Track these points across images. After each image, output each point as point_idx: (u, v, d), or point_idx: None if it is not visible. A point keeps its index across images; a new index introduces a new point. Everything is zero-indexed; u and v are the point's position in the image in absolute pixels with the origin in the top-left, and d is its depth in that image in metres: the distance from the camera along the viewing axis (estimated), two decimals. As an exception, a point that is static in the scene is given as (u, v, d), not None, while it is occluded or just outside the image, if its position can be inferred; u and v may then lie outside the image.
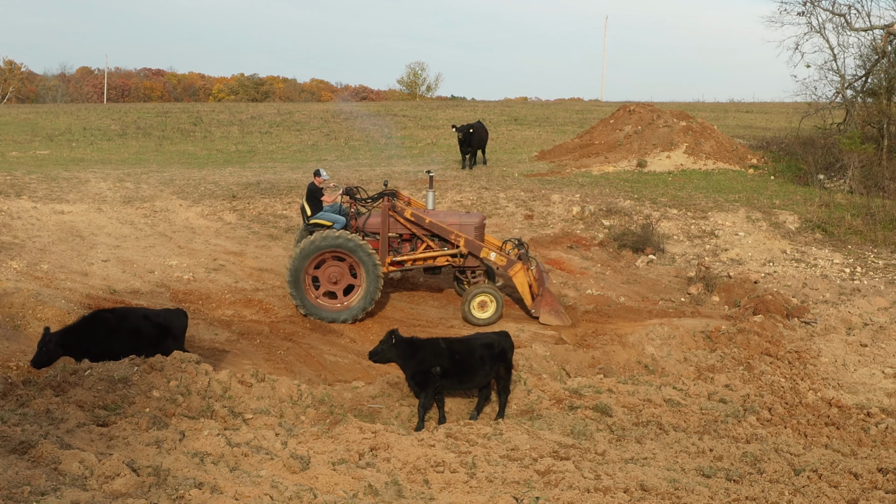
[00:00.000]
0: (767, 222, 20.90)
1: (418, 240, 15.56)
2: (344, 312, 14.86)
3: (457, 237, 15.26)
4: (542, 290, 15.24)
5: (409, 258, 15.44)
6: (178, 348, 11.48)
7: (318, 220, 15.18)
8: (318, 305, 14.92)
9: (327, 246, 14.76)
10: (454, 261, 15.49)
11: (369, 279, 14.76)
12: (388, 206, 15.29)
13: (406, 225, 15.40)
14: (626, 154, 28.16)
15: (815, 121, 29.37)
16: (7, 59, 70.43)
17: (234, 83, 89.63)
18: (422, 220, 15.31)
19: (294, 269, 14.75)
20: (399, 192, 16.26)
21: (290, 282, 14.79)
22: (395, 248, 15.54)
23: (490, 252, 15.29)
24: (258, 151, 33.81)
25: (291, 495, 7.43)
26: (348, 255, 14.82)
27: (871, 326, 14.84)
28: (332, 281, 15.03)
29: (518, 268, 15.23)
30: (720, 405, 11.36)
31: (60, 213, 19.35)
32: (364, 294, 14.84)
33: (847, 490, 8.56)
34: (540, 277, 15.53)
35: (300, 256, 14.74)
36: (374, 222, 15.51)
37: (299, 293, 14.80)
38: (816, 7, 29.29)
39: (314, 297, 14.95)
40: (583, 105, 59.95)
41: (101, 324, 11.17)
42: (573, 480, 8.27)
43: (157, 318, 11.67)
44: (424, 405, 10.64)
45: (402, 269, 15.65)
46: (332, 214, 15.33)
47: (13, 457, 7.55)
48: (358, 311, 14.86)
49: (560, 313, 15.08)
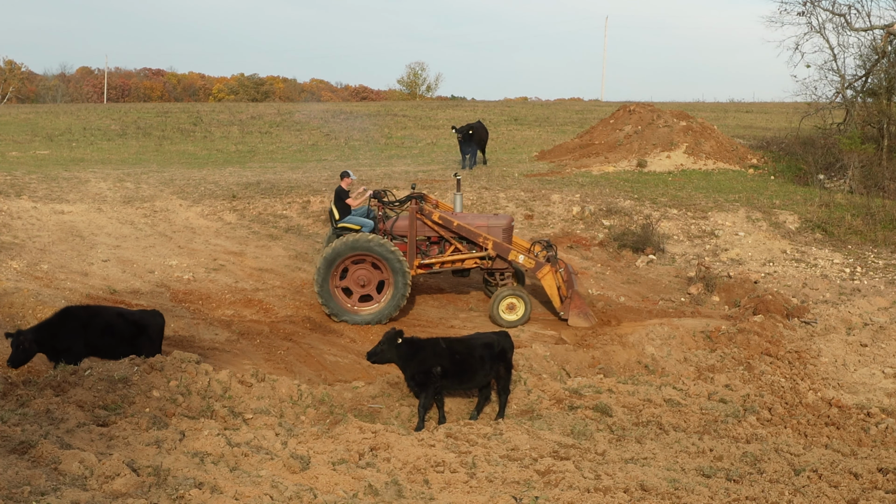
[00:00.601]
0: (767, 222, 20.90)
1: (446, 242, 15.53)
2: (371, 316, 14.84)
3: (485, 240, 15.22)
4: (570, 292, 15.17)
5: (438, 261, 15.41)
6: (153, 349, 11.47)
7: (346, 224, 15.17)
8: (346, 308, 14.92)
9: (355, 249, 14.75)
10: (482, 263, 15.45)
11: (397, 282, 14.74)
12: (416, 208, 15.28)
13: (434, 228, 15.38)
14: (626, 154, 28.16)
15: (815, 121, 29.37)
16: (7, 59, 70.51)
17: (234, 83, 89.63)
18: (450, 223, 15.28)
19: (322, 273, 14.74)
20: (427, 195, 16.26)
21: (317, 284, 14.77)
22: (423, 251, 15.51)
23: (518, 254, 15.27)
24: (258, 151, 33.81)
25: (291, 495, 7.43)
26: (376, 259, 14.81)
27: (871, 326, 14.84)
28: (360, 284, 15.01)
29: (546, 270, 15.18)
30: (720, 405, 11.36)
31: (60, 213, 19.35)
32: (392, 297, 14.83)
33: (847, 490, 8.56)
34: (569, 279, 15.46)
35: (328, 260, 14.71)
36: (402, 225, 15.49)
37: (327, 296, 14.80)
38: (816, 7, 29.32)
39: (341, 301, 14.95)
40: (583, 105, 59.97)
41: (73, 321, 11.06)
42: (573, 480, 8.27)
43: (132, 317, 11.59)
44: (424, 405, 10.64)
45: (429, 271, 15.62)
46: (360, 218, 15.31)
47: (13, 457, 7.54)
48: (385, 314, 14.85)
49: (589, 315, 15.03)
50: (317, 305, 15.67)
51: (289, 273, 17.43)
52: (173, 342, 13.24)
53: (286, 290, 16.42)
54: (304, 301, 15.86)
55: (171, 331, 13.92)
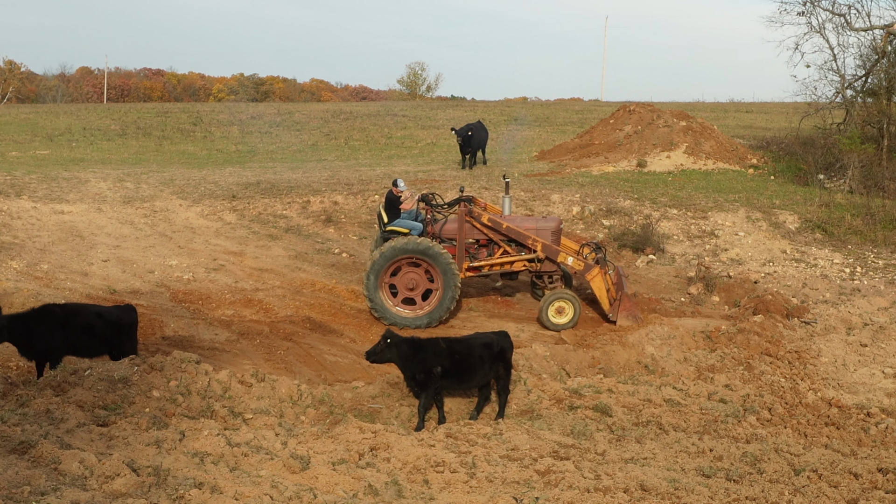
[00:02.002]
0: (767, 222, 20.90)
1: (495, 245, 15.49)
2: (420, 319, 14.85)
3: (534, 242, 15.18)
4: (620, 294, 15.13)
5: (487, 263, 15.37)
6: (130, 345, 11.46)
7: (395, 228, 15.19)
8: (395, 311, 14.92)
9: (406, 251, 14.75)
10: (531, 266, 15.43)
11: (447, 285, 14.73)
12: (466, 211, 15.25)
13: (483, 230, 15.33)
14: (626, 154, 28.16)
15: (815, 121, 29.36)
16: (7, 59, 70.51)
17: (234, 83, 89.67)
18: (499, 226, 15.24)
19: (372, 275, 14.74)
20: (475, 198, 16.25)
21: (367, 287, 14.80)
22: (471, 254, 15.48)
23: (567, 256, 15.25)
24: (258, 151, 33.82)
25: (291, 495, 7.43)
26: (426, 262, 14.80)
27: (871, 326, 14.84)
28: (409, 287, 15.01)
29: (595, 272, 15.12)
30: (720, 405, 11.35)
31: (60, 213, 19.36)
32: (441, 300, 14.83)
33: (847, 490, 8.56)
34: (619, 281, 15.44)
35: (378, 262, 14.72)
36: (451, 228, 15.46)
37: (376, 299, 14.82)
38: (816, 7, 29.32)
39: (391, 303, 14.94)
40: (583, 105, 59.96)
41: (48, 317, 10.90)
42: (573, 480, 8.27)
43: (110, 315, 11.49)
44: (424, 405, 10.64)
45: (478, 274, 15.58)
46: (409, 221, 15.32)
47: (13, 457, 7.54)
48: (435, 317, 14.86)
49: (637, 317, 14.97)
50: (317, 305, 15.68)
51: (289, 273, 17.43)
52: (173, 342, 13.24)
53: (286, 290, 16.42)
54: (304, 301, 15.85)
55: (171, 331, 13.92)
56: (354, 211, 21.45)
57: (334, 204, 21.74)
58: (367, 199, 22.03)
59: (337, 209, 21.47)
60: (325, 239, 19.79)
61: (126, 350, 11.33)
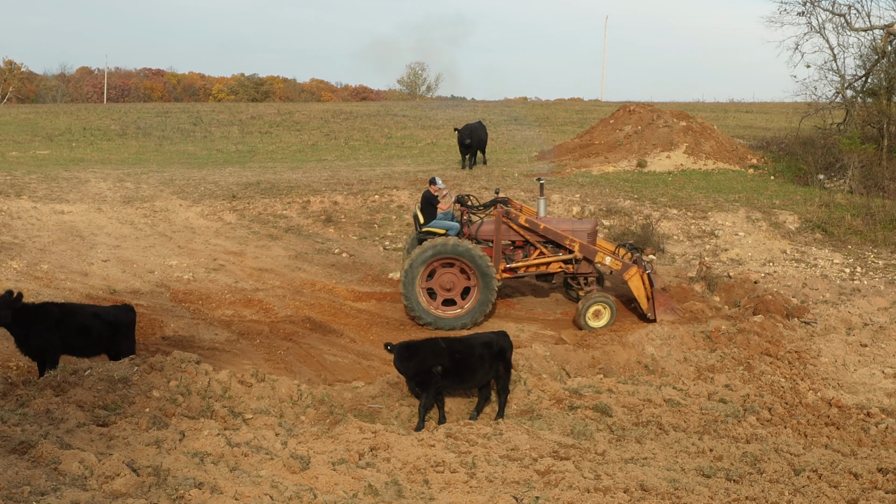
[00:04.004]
0: (767, 222, 20.89)
1: (531, 246, 15.50)
2: (456, 320, 14.86)
3: (571, 242, 15.20)
4: (653, 291, 15.23)
5: (524, 265, 15.38)
6: (128, 346, 11.46)
7: (432, 229, 15.21)
8: (431, 312, 14.93)
9: (444, 253, 14.75)
10: (567, 267, 15.45)
11: (485, 287, 14.75)
12: (503, 212, 15.27)
13: (519, 232, 15.36)
14: (626, 154, 28.15)
15: (815, 121, 29.35)
16: (7, 59, 70.40)
17: (234, 83, 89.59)
18: (536, 226, 15.26)
19: (409, 276, 14.75)
20: (511, 200, 16.26)
21: (404, 286, 14.80)
22: (507, 256, 15.49)
23: (605, 256, 15.29)
24: (258, 151, 33.82)
25: (291, 495, 7.43)
26: (463, 263, 14.80)
27: (871, 326, 14.84)
28: (445, 288, 15.02)
29: (633, 271, 15.18)
30: (720, 405, 11.35)
31: (60, 213, 19.36)
32: (478, 302, 14.83)
33: (847, 490, 8.56)
34: (651, 280, 15.48)
35: (416, 263, 14.73)
36: (487, 230, 15.47)
37: (412, 298, 14.83)
38: (816, 7, 29.29)
39: (427, 304, 14.96)
40: (583, 105, 59.97)
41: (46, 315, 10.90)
42: (573, 480, 8.27)
43: (107, 316, 11.50)
44: (425, 405, 10.64)
45: (514, 276, 15.57)
46: (446, 222, 15.33)
47: (13, 457, 7.54)
48: (470, 318, 14.87)
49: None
50: (317, 305, 15.68)
51: (289, 273, 17.44)
52: (173, 342, 13.24)
53: (286, 290, 16.42)
54: (304, 301, 15.86)
55: (171, 331, 13.93)
56: (354, 211, 21.45)
57: (334, 204, 21.74)
58: (367, 199, 22.03)
59: (337, 209, 21.48)
60: (325, 239, 19.79)
61: (124, 350, 11.33)
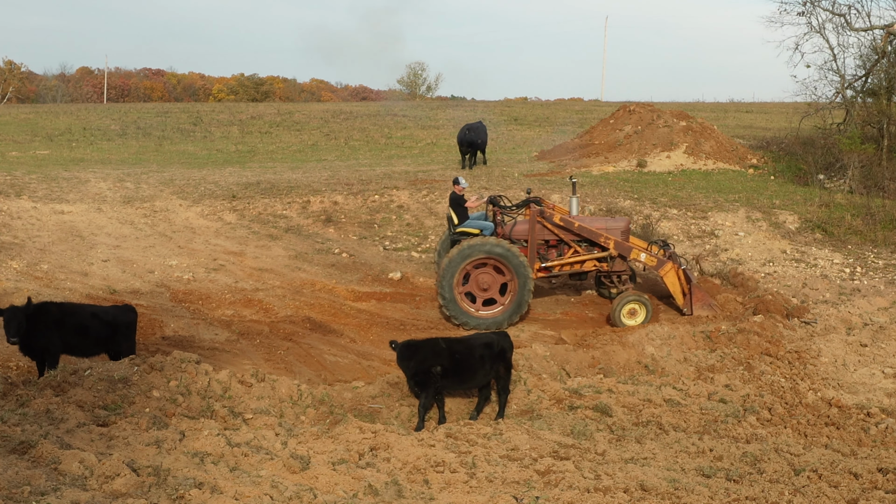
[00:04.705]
0: (767, 222, 20.89)
1: (565, 245, 15.52)
2: (493, 320, 14.87)
3: (606, 240, 15.25)
4: (689, 286, 15.28)
5: (559, 263, 15.41)
6: (128, 346, 11.45)
7: (466, 229, 15.21)
8: (467, 312, 14.93)
9: (480, 253, 14.75)
10: (601, 265, 15.49)
11: (521, 287, 14.76)
12: (538, 211, 15.29)
13: (554, 231, 15.39)
14: (626, 154, 28.15)
15: (815, 121, 29.35)
16: (7, 59, 70.50)
17: (234, 83, 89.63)
18: (571, 225, 15.31)
19: (447, 277, 14.74)
20: (543, 199, 16.28)
21: (440, 287, 14.81)
22: (541, 255, 15.51)
23: (640, 253, 15.35)
24: (258, 151, 33.83)
25: (291, 495, 7.43)
26: (500, 263, 14.80)
27: (871, 326, 14.84)
28: (482, 288, 15.02)
29: (669, 267, 15.28)
30: (720, 405, 11.35)
31: (60, 213, 19.36)
32: (514, 302, 14.85)
33: (847, 490, 8.55)
34: (686, 274, 15.56)
35: (453, 263, 14.72)
36: (521, 229, 15.49)
37: (450, 299, 14.83)
38: (816, 7, 29.30)
39: (464, 304, 14.96)
40: (583, 105, 59.99)
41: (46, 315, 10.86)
42: (573, 480, 8.27)
43: (106, 315, 11.48)
44: (425, 405, 10.64)
45: (549, 275, 15.60)
46: (480, 222, 15.34)
47: (13, 457, 7.54)
48: (506, 318, 14.88)
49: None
50: (317, 305, 15.68)
51: (289, 273, 17.44)
52: (173, 342, 13.24)
53: (286, 290, 16.41)
54: (304, 301, 15.86)
55: (171, 331, 13.93)
56: (354, 211, 21.45)
57: (334, 204, 21.74)
58: (367, 199, 22.04)
59: (337, 209, 21.48)
60: (325, 239, 19.79)
61: (123, 350, 11.32)
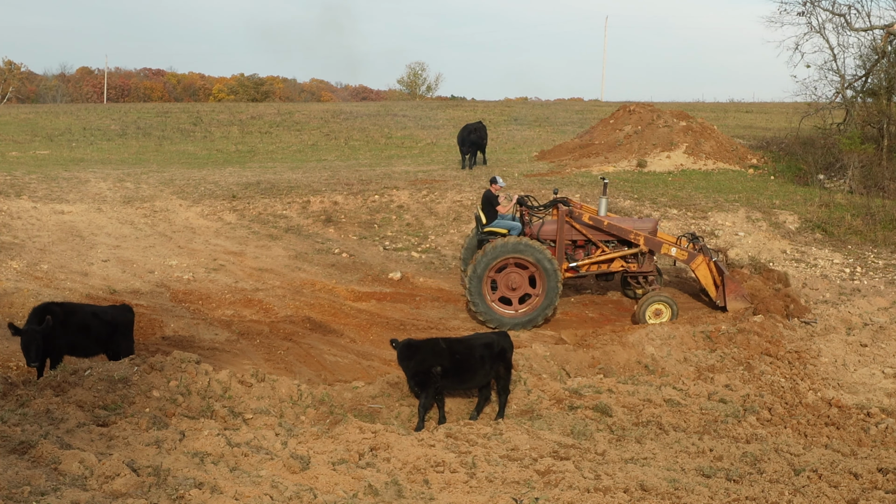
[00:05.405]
0: (767, 222, 20.89)
1: (592, 246, 15.57)
2: (520, 320, 14.88)
3: (636, 236, 15.30)
4: (723, 279, 15.30)
5: (587, 263, 15.45)
6: (127, 345, 11.46)
7: (494, 229, 15.22)
8: (496, 311, 14.94)
9: (509, 252, 14.75)
10: (629, 266, 15.53)
11: (550, 286, 14.77)
12: (566, 211, 15.32)
13: (582, 230, 15.44)
14: (626, 154, 28.15)
15: (815, 121, 29.36)
16: (7, 59, 70.53)
17: (234, 83, 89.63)
18: (600, 223, 15.35)
19: (477, 277, 14.75)
20: (571, 199, 16.31)
21: (470, 287, 14.81)
22: (568, 255, 15.54)
23: (671, 248, 15.43)
24: (258, 151, 33.83)
25: (291, 495, 7.43)
26: (529, 262, 14.80)
27: (871, 326, 14.84)
28: (510, 287, 15.02)
29: (700, 260, 15.39)
30: (720, 405, 11.35)
31: (60, 213, 19.36)
32: (543, 301, 14.85)
33: (847, 490, 8.55)
34: (718, 267, 15.57)
35: (483, 262, 14.72)
36: (549, 229, 15.53)
37: (479, 298, 14.84)
38: (816, 7, 29.32)
39: (493, 303, 14.96)
40: (583, 105, 59.97)
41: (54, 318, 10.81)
42: (573, 480, 8.27)
43: (105, 315, 11.50)
44: (425, 405, 10.63)
45: (576, 275, 15.63)
46: (508, 222, 15.35)
47: (13, 457, 7.54)
48: (533, 319, 14.88)
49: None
50: (317, 305, 15.68)
51: (289, 273, 17.43)
52: (173, 342, 13.24)
53: (286, 290, 16.41)
54: (304, 301, 15.85)
55: (171, 331, 13.93)
56: (354, 211, 21.45)
57: (334, 204, 21.74)
58: (367, 199, 22.04)
59: (337, 209, 21.48)
60: (325, 239, 19.79)
61: (122, 350, 11.33)
